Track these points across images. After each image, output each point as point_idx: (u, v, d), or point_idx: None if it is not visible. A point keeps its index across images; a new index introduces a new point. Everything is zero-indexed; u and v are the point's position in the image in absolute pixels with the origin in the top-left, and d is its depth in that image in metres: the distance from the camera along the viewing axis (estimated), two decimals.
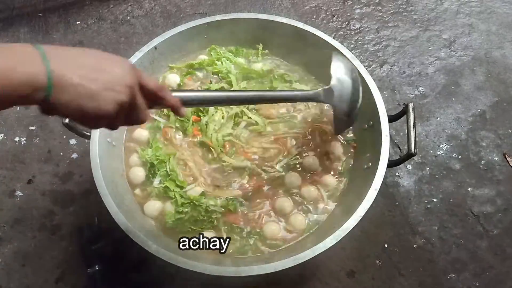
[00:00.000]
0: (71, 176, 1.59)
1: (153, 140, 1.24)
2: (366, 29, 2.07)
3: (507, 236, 1.50)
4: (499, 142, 1.71)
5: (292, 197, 1.17)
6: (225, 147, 1.22)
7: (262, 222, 1.13)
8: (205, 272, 0.92)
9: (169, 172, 1.17)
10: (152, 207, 1.14)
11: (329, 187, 1.19)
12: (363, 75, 1.21)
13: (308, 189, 1.17)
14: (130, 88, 0.62)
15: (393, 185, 1.60)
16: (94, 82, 0.58)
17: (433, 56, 1.98)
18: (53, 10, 2.11)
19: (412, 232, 1.50)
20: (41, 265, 1.41)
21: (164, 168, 1.17)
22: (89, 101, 0.57)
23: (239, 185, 1.18)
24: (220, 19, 1.34)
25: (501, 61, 1.96)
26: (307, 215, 1.15)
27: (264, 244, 1.11)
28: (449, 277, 1.43)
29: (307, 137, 1.27)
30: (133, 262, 1.37)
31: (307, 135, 1.27)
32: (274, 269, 0.92)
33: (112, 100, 0.59)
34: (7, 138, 1.69)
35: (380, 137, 1.11)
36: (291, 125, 1.29)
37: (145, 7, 2.14)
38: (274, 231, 1.11)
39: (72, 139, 1.67)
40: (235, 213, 1.14)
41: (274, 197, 1.17)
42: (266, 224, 1.12)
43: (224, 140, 1.22)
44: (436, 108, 1.81)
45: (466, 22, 2.10)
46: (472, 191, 1.59)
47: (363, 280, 1.41)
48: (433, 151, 1.68)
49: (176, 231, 1.11)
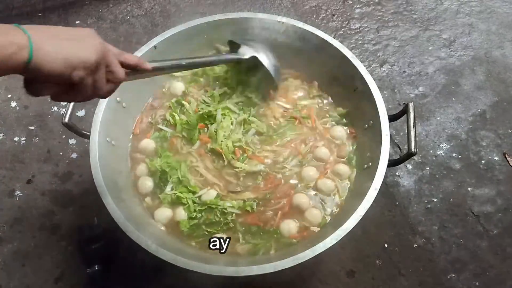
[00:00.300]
0: (70, 176, 1.59)
1: (161, 149, 1.24)
2: (366, 29, 2.07)
3: (507, 236, 1.50)
4: (499, 142, 1.71)
5: (308, 192, 1.18)
6: (236, 153, 1.22)
7: (279, 221, 1.14)
8: (205, 272, 0.92)
9: (181, 178, 1.17)
10: (162, 214, 1.14)
11: (343, 176, 1.21)
12: (363, 74, 1.21)
13: (324, 182, 1.19)
14: (100, 51, 0.70)
15: (393, 185, 1.60)
16: (71, 34, 0.68)
17: (433, 55, 1.98)
18: (52, 9, 2.11)
19: (412, 232, 1.50)
20: (40, 265, 1.41)
21: (176, 175, 1.17)
22: (70, 47, 0.65)
23: (253, 187, 1.19)
24: (220, 19, 1.34)
25: (501, 60, 1.96)
26: (323, 208, 1.16)
27: (280, 242, 1.11)
28: (449, 277, 1.42)
29: (312, 127, 1.30)
30: (132, 262, 1.37)
31: (312, 125, 1.30)
32: (273, 269, 0.92)
33: (91, 46, 0.68)
34: (7, 138, 1.69)
35: (380, 136, 1.11)
36: (296, 128, 1.29)
37: (145, 6, 2.14)
38: (291, 229, 1.12)
39: (71, 139, 1.67)
40: (253, 213, 1.14)
41: (291, 193, 1.18)
42: (282, 223, 1.13)
43: (234, 146, 1.22)
44: (436, 108, 1.81)
45: (466, 21, 2.10)
46: (472, 190, 1.59)
47: (363, 280, 1.41)
48: (433, 151, 1.68)
49: (194, 235, 1.12)
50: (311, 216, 1.14)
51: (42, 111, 1.75)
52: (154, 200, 1.18)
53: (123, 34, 2.03)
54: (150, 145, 1.25)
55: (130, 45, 1.96)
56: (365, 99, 1.21)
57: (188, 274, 0.92)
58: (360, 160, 1.22)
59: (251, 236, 1.12)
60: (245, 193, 1.17)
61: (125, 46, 1.96)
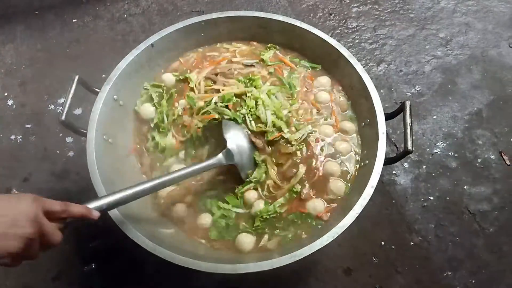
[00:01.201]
0: (67, 174, 1.59)
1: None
2: (363, 28, 2.08)
3: (503, 234, 1.51)
4: (495, 141, 1.72)
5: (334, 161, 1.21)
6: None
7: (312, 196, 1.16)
8: (201, 270, 0.92)
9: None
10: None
11: (350, 132, 1.26)
12: (360, 73, 1.21)
13: (339, 143, 1.23)
14: (33, 221, 0.68)
15: (390, 183, 1.60)
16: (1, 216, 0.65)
17: (429, 54, 1.98)
18: (49, 8, 2.11)
19: (409, 230, 1.51)
20: (38, 263, 1.40)
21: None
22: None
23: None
24: (217, 17, 1.34)
25: (497, 59, 1.97)
26: (347, 170, 1.20)
27: (308, 224, 1.13)
28: (446, 274, 1.43)
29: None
30: (129, 260, 1.37)
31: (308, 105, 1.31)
32: (270, 266, 0.92)
33: (18, 236, 0.66)
34: (3, 136, 1.68)
35: (377, 134, 1.12)
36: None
37: (142, 5, 2.13)
38: (316, 207, 1.13)
39: (68, 137, 1.67)
40: (295, 199, 1.15)
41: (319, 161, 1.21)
42: (308, 203, 1.14)
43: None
44: (432, 107, 1.81)
45: (463, 21, 2.11)
46: (469, 189, 1.60)
47: (360, 278, 1.41)
48: (429, 150, 1.69)
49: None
50: (335, 187, 1.16)
51: (39, 109, 1.75)
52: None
53: (120, 32, 2.02)
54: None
55: (127, 44, 1.96)
56: (362, 98, 1.22)
57: (187, 272, 0.92)
58: (357, 157, 1.23)
59: (280, 230, 1.12)
60: (298, 171, 1.17)
61: (122, 44, 1.96)
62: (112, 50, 1.95)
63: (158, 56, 1.33)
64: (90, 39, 1.99)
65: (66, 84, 1.78)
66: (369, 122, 1.19)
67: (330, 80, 1.35)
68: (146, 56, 1.28)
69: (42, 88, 1.82)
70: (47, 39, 1.99)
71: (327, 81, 1.34)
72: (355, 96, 1.29)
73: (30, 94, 1.80)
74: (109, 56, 1.92)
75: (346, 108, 1.31)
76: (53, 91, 1.81)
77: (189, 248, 1.06)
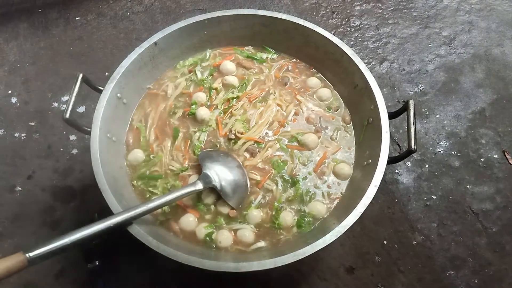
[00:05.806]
0: (71, 172, 1.59)
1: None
2: (366, 26, 2.07)
3: (506, 233, 1.51)
4: (498, 140, 1.71)
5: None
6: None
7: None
8: (204, 268, 0.92)
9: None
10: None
11: (325, 97, 1.34)
12: (363, 72, 1.21)
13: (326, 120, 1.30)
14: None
15: (393, 182, 1.60)
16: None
17: (433, 53, 1.98)
18: (52, 5, 2.11)
19: (411, 229, 1.51)
20: None
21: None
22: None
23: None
24: (220, 15, 1.34)
25: (500, 58, 1.96)
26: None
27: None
28: (448, 273, 1.43)
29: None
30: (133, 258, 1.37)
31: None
32: (273, 265, 0.92)
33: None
34: (7, 134, 1.69)
35: (380, 134, 1.11)
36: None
37: (145, 3, 2.13)
38: (318, 206, 1.14)
39: (72, 134, 1.67)
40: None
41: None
42: (310, 203, 1.15)
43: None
44: (435, 106, 1.81)
45: (466, 19, 2.10)
46: (472, 188, 1.60)
47: (362, 277, 1.41)
48: (432, 149, 1.69)
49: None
50: (341, 170, 1.20)
51: (43, 107, 1.76)
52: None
53: (123, 30, 2.02)
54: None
55: (130, 42, 1.96)
56: (365, 96, 1.22)
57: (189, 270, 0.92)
58: (360, 157, 1.22)
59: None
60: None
61: (125, 42, 1.97)
62: (115, 48, 1.95)
63: (161, 54, 1.33)
64: (93, 37, 2.00)
65: (69, 82, 1.79)
66: (372, 121, 1.19)
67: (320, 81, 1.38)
68: (149, 54, 1.29)
69: (45, 85, 1.83)
70: (51, 36, 2.00)
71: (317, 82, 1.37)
72: (357, 95, 1.28)
73: (34, 91, 1.81)
74: (112, 54, 1.92)
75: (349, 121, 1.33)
76: (57, 88, 1.81)
77: (189, 246, 1.07)
